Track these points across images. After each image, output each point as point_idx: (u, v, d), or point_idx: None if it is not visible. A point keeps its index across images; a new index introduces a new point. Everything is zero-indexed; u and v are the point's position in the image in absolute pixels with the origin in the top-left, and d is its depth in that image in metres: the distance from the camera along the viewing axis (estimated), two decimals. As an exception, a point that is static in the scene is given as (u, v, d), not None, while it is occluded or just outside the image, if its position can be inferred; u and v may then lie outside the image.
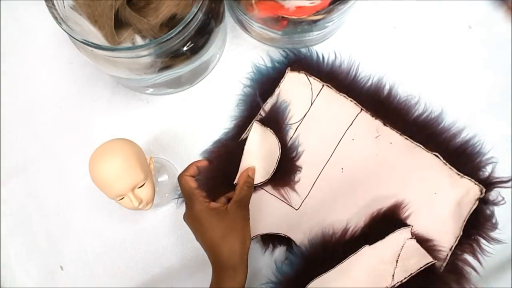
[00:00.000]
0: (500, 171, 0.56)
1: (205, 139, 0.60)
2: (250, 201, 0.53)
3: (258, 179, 0.54)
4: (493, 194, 0.55)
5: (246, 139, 0.55)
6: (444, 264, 0.53)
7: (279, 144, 0.55)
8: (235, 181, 0.54)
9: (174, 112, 0.62)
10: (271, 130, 0.55)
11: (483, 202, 0.54)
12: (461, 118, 0.58)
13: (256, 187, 0.55)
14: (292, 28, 0.56)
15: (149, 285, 0.58)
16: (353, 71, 0.60)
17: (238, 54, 0.63)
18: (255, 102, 0.59)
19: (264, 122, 0.56)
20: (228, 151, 0.56)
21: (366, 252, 0.51)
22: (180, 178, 0.52)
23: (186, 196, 0.51)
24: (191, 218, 0.51)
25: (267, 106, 0.58)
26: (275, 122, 0.57)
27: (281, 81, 0.59)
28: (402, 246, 0.52)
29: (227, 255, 0.48)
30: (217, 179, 0.53)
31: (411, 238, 0.52)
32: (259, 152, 0.55)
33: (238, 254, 0.48)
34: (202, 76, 0.62)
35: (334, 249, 0.53)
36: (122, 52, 0.45)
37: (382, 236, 0.52)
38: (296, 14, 0.52)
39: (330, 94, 0.59)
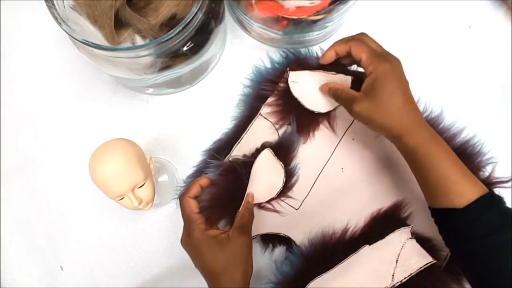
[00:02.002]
0: (500, 171, 0.56)
1: (205, 139, 0.60)
2: None
3: (256, 199, 0.53)
4: (493, 194, 0.55)
5: (254, 161, 0.53)
6: (444, 264, 0.53)
7: (284, 179, 0.54)
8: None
9: (174, 112, 0.62)
10: (282, 165, 0.54)
11: (483, 202, 0.54)
12: (461, 118, 0.58)
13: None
14: (292, 28, 0.56)
15: (149, 285, 0.58)
16: (353, 71, 0.60)
17: (238, 54, 0.63)
18: (255, 103, 0.59)
19: (275, 148, 0.54)
20: (235, 172, 0.52)
21: (366, 252, 0.51)
22: (181, 199, 0.49)
23: (185, 220, 0.48)
24: (189, 245, 0.48)
25: (265, 109, 0.58)
26: (285, 150, 0.55)
27: (281, 81, 0.59)
28: (402, 246, 0.52)
29: (228, 286, 0.45)
30: (222, 200, 0.50)
31: (411, 238, 0.52)
32: (263, 177, 0.53)
33: (241, 284, 0.45)
34: (202, 76, 0.62)
35: (334, 249, 0.53)
36: (122, 52, 0.45)
37: (382, 236, 0.52)
38: (296, 14, 0.52)
39: (330, 94, 0.59)
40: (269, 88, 0.59)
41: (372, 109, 0.46)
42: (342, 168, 0.57)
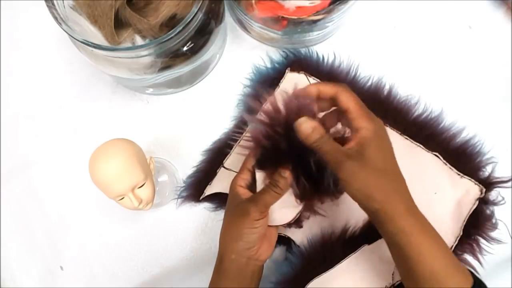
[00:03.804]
0: (500, 171, 0.56)
1: (205, 139, 0.60)
2: None
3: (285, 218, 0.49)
4: (493, 194, 0.55)
5: None
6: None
7: (297, 216, 0.49)
8: None
9: (174, 112, 0.62)
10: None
11: (483, 202, 0.54)
12: (461, 118, 0.58)
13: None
14: (292, 28, 0.56)
15: (149, 285, 0.58)
16: (353, 71, 0.60)
17: (238, 54, 0.63)
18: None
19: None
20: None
21: (366, 251, 0.51)
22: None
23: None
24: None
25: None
26: None
27: (281, 81, 0.59)
28: (402, 246, 0.52)
29: (226, 253, 0.45)
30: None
31: (411, 238, 0.52)
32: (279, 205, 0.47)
33: (229, 256, 0.45)
34: (202, 76, 0.62)
35: (333, 248, 0.53)
36: (122, 52, 0.45)
37: (381, 236, 0.52)
38: (296, 14, 0.52)
39: (330, 94, 0.59)
40: (269, 88, 0.59)
41: (360, 173, 0.39)
42: (342, 168, 0.57)
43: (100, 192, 0.47)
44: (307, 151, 0.41)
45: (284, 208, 0.47)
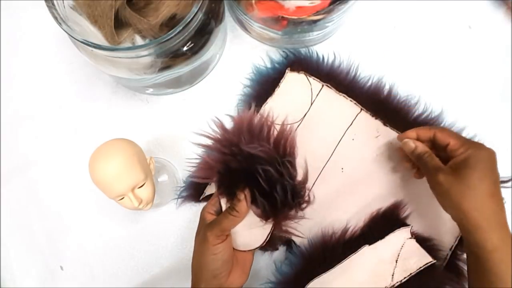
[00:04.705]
0: (500, 171, 0.56)
1: (205, 139, 0.60)
2: None
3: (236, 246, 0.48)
4: (493, 194, 0.55)
5: None
6: (444, 264, 0.53)
7: (268, 237, 0.48)
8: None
9: (174, 112, 0.62)
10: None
11: (483, 202, 0.54)
12: (461, 118, 0.58)
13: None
14: (292, 28, 0.56)
15: (149, 285, 0.58)
16: (353, 71, 0.60)
17: (238, 54, 0.63)
18: (255, 103, 0.59)
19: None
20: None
21: (366, 252, 0.51)
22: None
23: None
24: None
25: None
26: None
27: (281, 81, 0.59)
28: (402, 246, 0.52)
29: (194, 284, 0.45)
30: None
31: (410, 238, 0.52)
32: (246, 229, 0.47)
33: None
34: (202, 76, 0.62)
35: (333, 249, 0.53)
36: (122, 52, 0.45)
37: (381, 236, 0.52)
38: (296, 14, 0.52)
39: (330, 94, 0.59)
40: (270, 88, 0.59)
41: (455, 185, 0.41)
42: (342, 168, 0.57)
43: (100, 192, 0.47)
44: (255, 170, 0.42)
45: (254, 232, 0.47)
